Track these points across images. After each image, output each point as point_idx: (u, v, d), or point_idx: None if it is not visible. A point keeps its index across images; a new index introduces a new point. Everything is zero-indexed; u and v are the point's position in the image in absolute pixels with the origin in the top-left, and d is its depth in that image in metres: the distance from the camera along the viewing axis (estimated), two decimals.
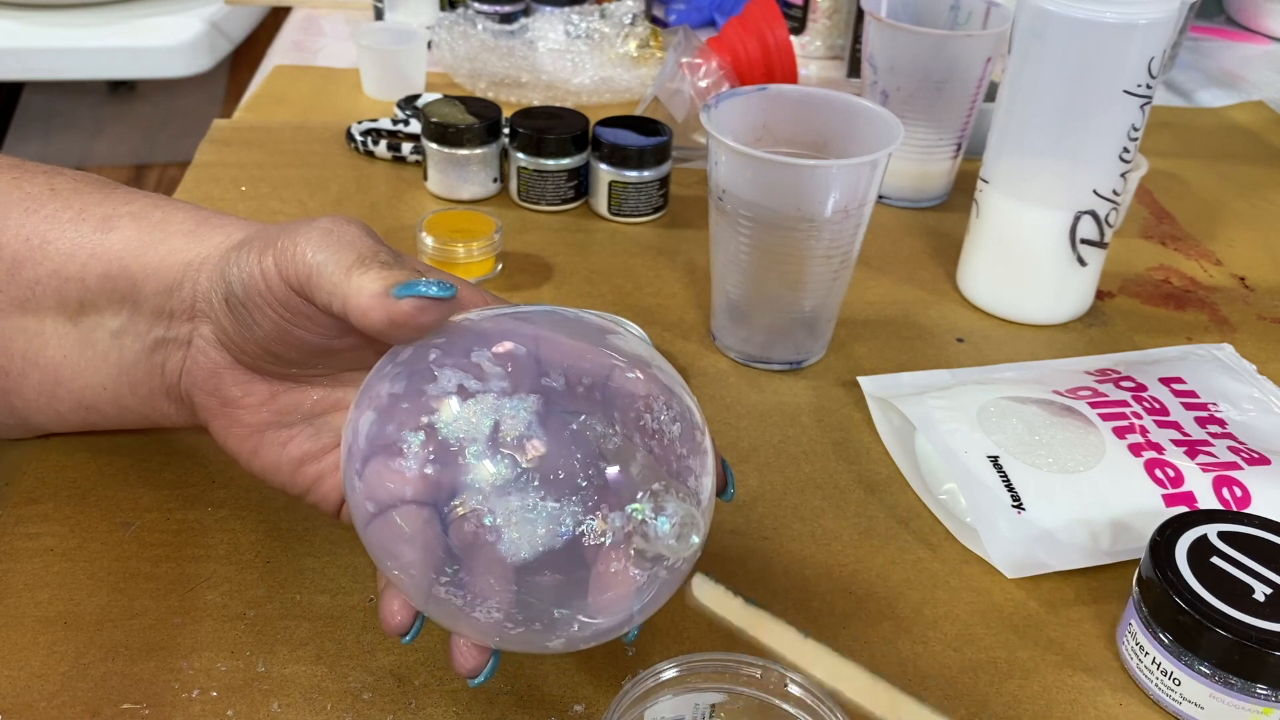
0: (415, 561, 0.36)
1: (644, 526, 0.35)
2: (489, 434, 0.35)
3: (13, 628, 0.44)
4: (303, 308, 0.39)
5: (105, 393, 0.46)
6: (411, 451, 0.35)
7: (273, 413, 0.44)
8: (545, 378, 0.36)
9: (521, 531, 0.34)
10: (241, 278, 0.40)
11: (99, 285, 0.44)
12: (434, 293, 0.36)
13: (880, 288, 0.71)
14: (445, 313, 0.37)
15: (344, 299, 0.37)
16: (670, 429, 0.37)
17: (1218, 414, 0.56)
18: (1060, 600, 0.49)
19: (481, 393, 0.35)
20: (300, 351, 0.41)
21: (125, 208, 0.45)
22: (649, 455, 0.36)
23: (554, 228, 0.76)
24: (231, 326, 0.41)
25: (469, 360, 0.36)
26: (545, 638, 0.37)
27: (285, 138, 0.85)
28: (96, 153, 2.23)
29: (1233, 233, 0.81)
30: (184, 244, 0.43)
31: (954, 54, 0.74)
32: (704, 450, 0.38)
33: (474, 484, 0.35)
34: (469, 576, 0.35)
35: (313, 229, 0.39)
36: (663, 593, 0.37)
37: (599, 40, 0.99)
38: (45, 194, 0.45)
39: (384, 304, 0.36)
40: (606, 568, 0.35)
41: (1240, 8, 1.24)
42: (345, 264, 0.37)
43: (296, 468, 0.44)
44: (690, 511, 0.35)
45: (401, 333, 0.37)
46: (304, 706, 0.42)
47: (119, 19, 1.72)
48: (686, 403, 0.38)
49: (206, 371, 0.43)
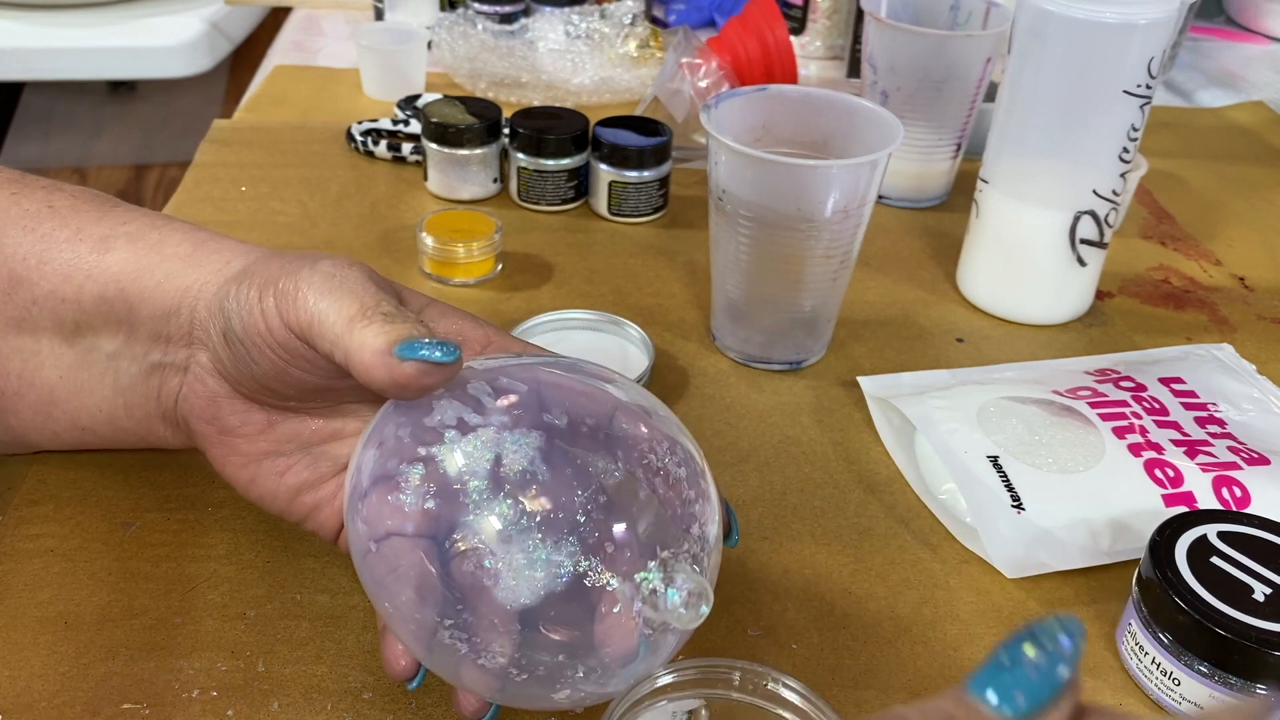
0: (416, 603, 0.36)
1: (654, 597, 0.35)
2: (490, 468, 0.35)
3: (13, 628, 0.44)
4: (303, 351, 0.39)
5: (101, 414, 0.46)
6: (413, 489, 0.35)
7: (271, 442, 0.43)
8: (547, 415, 0.36)
9: (527, 562, 0.34)
10: (241, 315, 0.39)
11: (95, 307, 0.44)
12: (437, 358, 0.36)
13: (880, 288, 0.71)
14: (448, 376, 0.37)
15: (346, 352, 0.37)
16: (676, 472, 0.37)
17: (1217, 414, 0.56)
18: (1060, 600, 0.49)
19: (483, 426, 0.36)
20: (298, 390, 0.41)
21: (122, 228, 0.44)
22: (653, 497, 0.36)
23: (554, 228, 0.76)
24: (229, 360, 0.41)
25: (471, 398, 0.36)
26: (549, 688, 0.36)
27: (285, 138, 0.85)
28: (96, 153, 2.23)
29: (1233, 233, 0.81)
30: (180, 268, 0.43)
31: (954, 54, 0.74)
32: (708, 496, 0.38)
33: (476, 516, 0.35)
34: (472, 614, 0.35)
35: (315, 273, 0.38)
36: (668, 649, 0.37)
37: (599, 40, 0.99)
38: (43, 211, 0.45)
39: (386, 364, 0.36)
40: (611, 621, 0.35)
41: (1240, 8, 1.24)
42: (347, 314, 0.37)
43: (294, 496, 0.44)
44: (701, 582, 0.35)
45: (403, 394, 0.37)
46: (304, 706, 0.42)
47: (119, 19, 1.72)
48: (689, 448, 0.38)
49: (204, 400, 0.43)
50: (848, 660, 0.45)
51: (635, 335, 0.63)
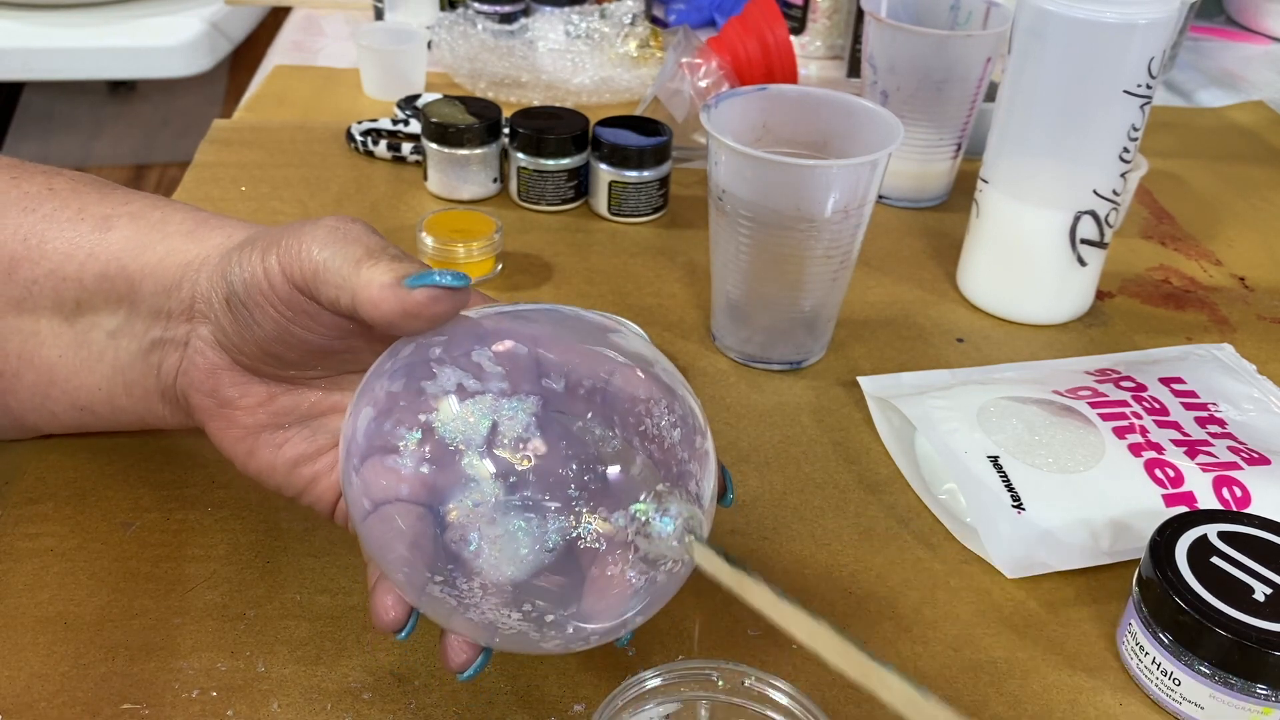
0: (409, 559, 0.36)
1: (647, 527, 0.35)
2: (486, 435, 0.35)
3: (13, 628, 0.44)
4: (305, 306, 0.39)
5: (100, 394, 0.46)
6: (408, 450, 0.35)
7: (270, 414, 0.43)
8: (545, 379, 0.36)
9: (518, 534, 0.34)
10: (243, 277, 0.40)
11: (96, 285, 0.44)
12: (449, 282, 0.36)
13: (880, 288, 0.71)
14: (459, 304, 0.37)
15: (353, 291, 0.37)
16: (670, 434, 0.37)
17: (1218, 414, 0.56)
18: (1060, 600, 0.49)
19: (481, 393, 0.35)
20: (299, 352, 0.41)
21: (124, 208, 0.45)
22: (649, 460, 0.36)
23: (554, 228, 0.76)
24: (231, 327, 0.41)
25: (469, 359, 0.36)
26: (539, 639, 0.36)
27: (285, 138, 0.85)
28: (96, 153, 2.23)
29: (1233, 233, 0.81)
30: (183, 244, 0.43)
31: (954, 54, 0.74)
32: (705, 454, 0.38)
33: (470, 486, 0.35)
34: (463, 577, 0.35)
35: (318, 227, 0.39)
36: (659, 597, 0.37)
37: (599, 40, 0.99)
38: (43, 193, 0.45)
39: (396, 294, 0.36)
40: (603, 571, 0.35)
41: (1240, 8, 1.24)
42: (354, 258, 0.38)
43: (292, 469, 0.44)
44: (694, 511, 0.35)
45: (413, 323, 0.37)
46: (304, 706, 0.42)
47: (119, 19, 1.72)
48: (689, 404, 0.38)
49: (204, 372, 0.43)
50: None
51: (636, 333, 0.63)
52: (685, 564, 0.36)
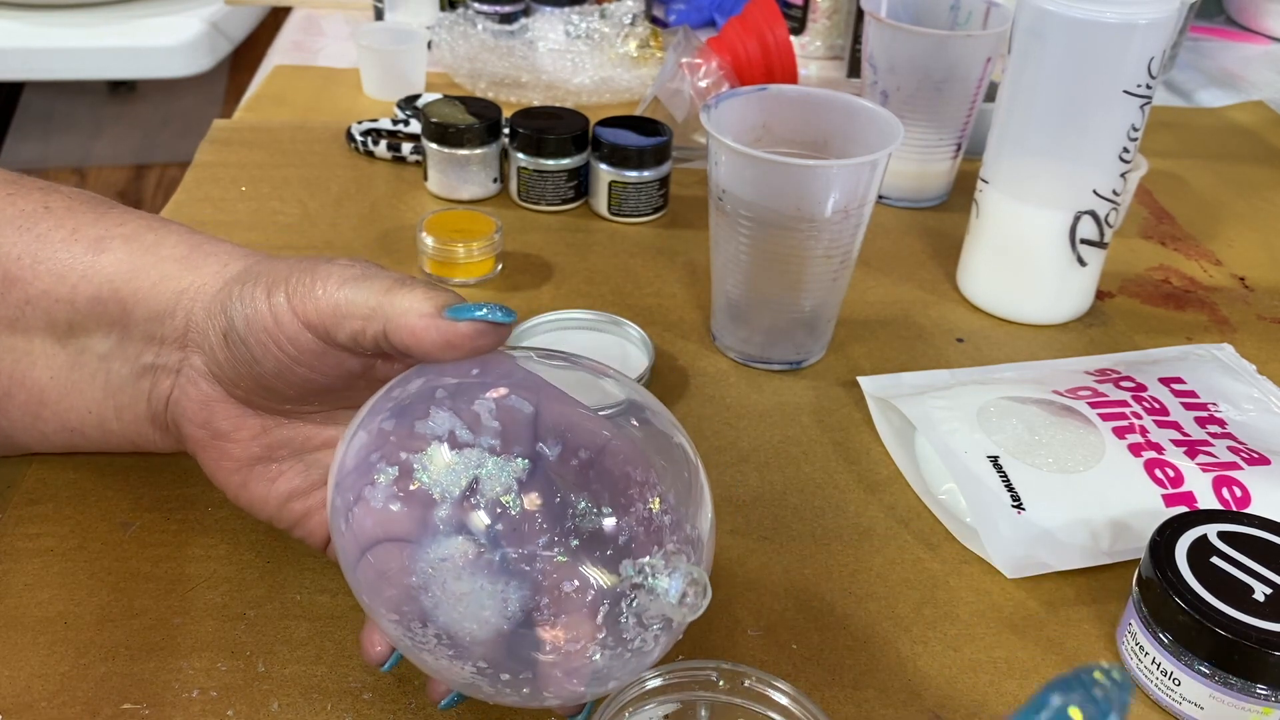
0: (378, 590, 0.36)
1: (616, 608, 0.34)
2: (464, 490, 0.34)
3: (13, 628, 0.44)
4: (312, 345, 0.39)
5: (90, 416, 0.46)
6: (383, 486, 0.35)
7: (263, 447, 0.43)
8: (541, 443, 0.35)
9: (480, 594, 0.34)
10: (245, 314, 0.39)
11: (89, 307, 0.43)
12: (498, 318, 0.36)
13: (880, 288, 0.71)
14: (502, 338, 0.37)
15: (386, 319, 0.37)
16: (661, 519, 0.36)
17: (1217, 414, 0.56)
18: (1060, 600, 0.49)
19: (470, 445, 0.35)
20: (298, 389, 0.41)
21: (118, 229, 0.44)
22: (628, 542, 0.35)
23: (554, 228, 0.76)
24: (226, 361, 0.41)
25: (469, 408, 0.35)
26: (494, 694, 0.36)
27: (285, 138, 0.85)
28: (96, 153, 2.23)
29: (1233, 233, 0.81)
30: (176, 270, 0.43)
31: (954, 54, 0.74)
32: (701, 501, 0.38)
33: (438, 538, 0.34)
34: (418, 623, 0.35)
35: (331, 267, 0.39)
36: (625, 670, 0.36)
37: (599, 40, 0.99)
38: (39, 211, 0.45)
39: (438, 325, 0.36)
40: (561, 645, 0.34)
41: (1240, 8, 1.24)
42: (382, 288, 0.37)
43: (284, 503, 0.44)
44: (665, 605, 0.34)
45: (450, 354, 0.36)
46: (304, 706, 0.42)
47: (119, 19, 1.72)
48: (685, 449, 0.38)
49: (197, 403, 0.43)
50: (848, 660, 0.45)
51: (635, 335, 0.63)
52: (644, 654, 0.36)
